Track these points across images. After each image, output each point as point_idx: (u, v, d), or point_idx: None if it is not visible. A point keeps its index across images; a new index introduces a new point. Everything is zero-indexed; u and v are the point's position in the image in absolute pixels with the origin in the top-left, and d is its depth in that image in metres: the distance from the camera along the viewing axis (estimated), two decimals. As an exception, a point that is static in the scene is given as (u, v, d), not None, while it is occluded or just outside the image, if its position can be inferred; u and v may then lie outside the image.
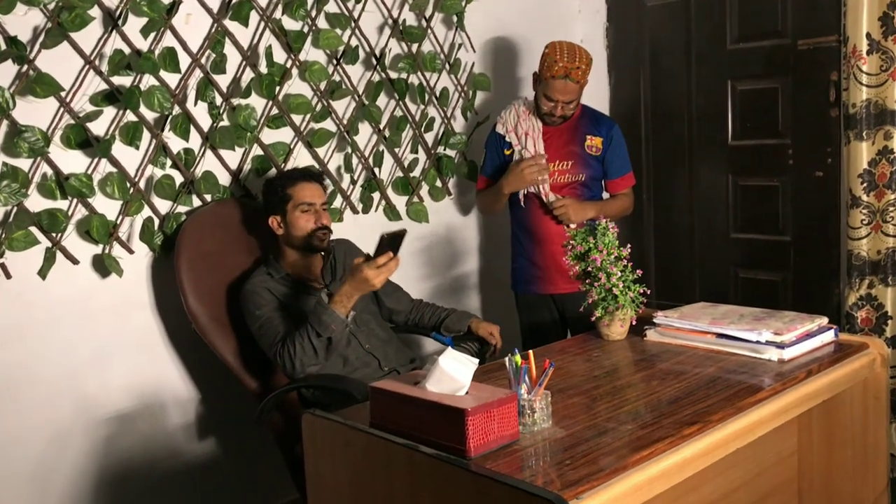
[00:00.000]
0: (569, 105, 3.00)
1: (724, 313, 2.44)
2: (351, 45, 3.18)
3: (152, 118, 2.74)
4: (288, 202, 2.64)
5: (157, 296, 2.79)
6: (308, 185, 2.68)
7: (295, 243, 2.66)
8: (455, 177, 3.62)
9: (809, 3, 3.36)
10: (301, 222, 2.64)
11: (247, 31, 2.93)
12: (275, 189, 2.67)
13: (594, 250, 2.43)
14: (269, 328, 2.52)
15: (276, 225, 2.67)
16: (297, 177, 2.69)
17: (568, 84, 2.94)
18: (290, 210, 2.64)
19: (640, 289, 2.42)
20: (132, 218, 2.73)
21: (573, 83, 2.95)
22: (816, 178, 3.43)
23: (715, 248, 3.81)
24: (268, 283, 2.62)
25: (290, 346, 2.44)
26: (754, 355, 2.22)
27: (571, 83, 2.94)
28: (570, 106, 3.01)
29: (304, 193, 2.65)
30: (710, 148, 3.76)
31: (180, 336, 2.82)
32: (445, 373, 1.76)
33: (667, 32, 3.84)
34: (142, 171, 2.73)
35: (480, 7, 3.56)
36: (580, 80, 2.95)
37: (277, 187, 2.66)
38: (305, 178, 2.70)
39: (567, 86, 2.94)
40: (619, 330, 2.47)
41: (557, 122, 3.06)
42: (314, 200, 2.66)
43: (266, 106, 2.99)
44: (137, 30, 2.66)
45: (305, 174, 2.71)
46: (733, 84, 3.65)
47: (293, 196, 2.65)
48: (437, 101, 3.48)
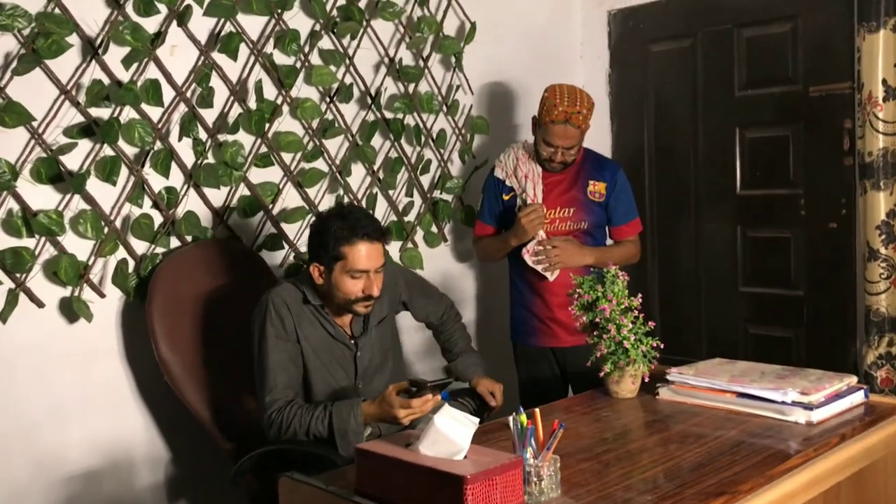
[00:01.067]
0: (569, 151, 2.84)
1: (743, 370, 2.25)
2: (345, 82, 3.04)
3: (132, 153, 2.58)
4: (338, 261, 2.24)
5: (127, 344, 2.59)
6: (369, 246, 2.24)
7: (332, 300, 2.32)
8: (451, 222, 3.45)
9: (821, 48, 3.25)
10: (348, 286, 2.26)
11: (236, 64, 2.79)
12: (326, 241, 2.24)
13: (603, 299, 2.25)
14: (272, 379, 2.24)
15: (316, 274, 2.29)
16: (357, 234, 2.23)
17: (568, 129, 2.78)
18: (339, 270, 2.25)
19: (653, 342, 2.23)
20: (105, 259, 2.54)
21: (574, 128, 2.79)
22: (830, 230, 3.27)
23: (723, 303, 3.63)
24: (295, 304, 2.30)
25: (286, 421, 2.18)
26: (780, 417, 2.03)
27: (572, 128, 2.79)
28: (570, 152, 2.85)
29: (361, 259, 2.23)
30: (717, 198, 3.62)
31: (151, 388, 2.61)
32: (442, 434, 1.57)
33: (672, 78, 3.72)
34: (118, 210, 2.55)
35: (479, 49, 3.44)
36: (581, 125, 2.80)
37: (330, 241, 2.23)
38: (368, 237, 2.24)
39: (567, 131, 2.79)
40: (629, 387, 2.28)
41: (558, 169, 2.90)
42: (370, 267, 2.25)
43: (254, 143, 2.84)
44: (119, 60, 2.51)
45: (369, 233, 2.25)
46: (741, 132, 3.52)
47: (347, 258, 2.23)
48: (434, 143, 3.33)
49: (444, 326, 2.70)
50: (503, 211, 3.00)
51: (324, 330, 2.35)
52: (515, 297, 3.03)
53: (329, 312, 2.36)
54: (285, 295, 2.33)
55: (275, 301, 2.31)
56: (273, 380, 2.24)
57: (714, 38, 3.56)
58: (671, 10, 3.67)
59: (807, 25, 3.28)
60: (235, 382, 2.53)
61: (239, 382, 2.53)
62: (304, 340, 2.32)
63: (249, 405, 2.54)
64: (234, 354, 2.54)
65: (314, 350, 2.34)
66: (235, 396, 2.53)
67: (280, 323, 2.29)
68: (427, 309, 2.67)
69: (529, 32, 3.70)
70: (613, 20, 3.88)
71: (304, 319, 2.33)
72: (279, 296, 2.33)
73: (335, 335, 2.37)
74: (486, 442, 1.81)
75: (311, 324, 2.35)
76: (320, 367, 2.35)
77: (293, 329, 2.31)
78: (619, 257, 2.83)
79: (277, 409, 2.21)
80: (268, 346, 2.27)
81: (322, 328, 2.35)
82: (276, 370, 2.25)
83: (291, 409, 2.20)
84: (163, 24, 2.60)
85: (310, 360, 2.33)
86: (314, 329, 2.35)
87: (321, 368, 2.35)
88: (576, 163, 2.94)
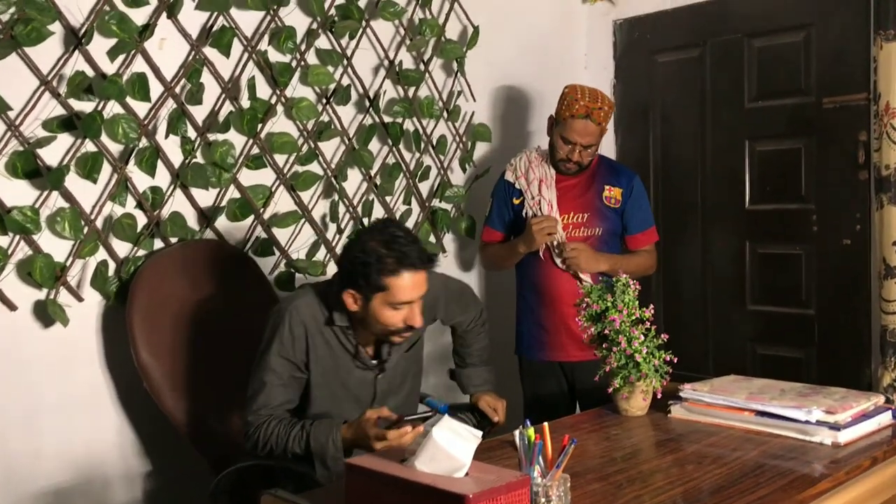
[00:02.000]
0: (587, 150, 2.73)
1: (761, 388, 2.12)
2: (342, 84, 2.92)
3: (115, 150, 2.44)
4: (379, 292, 1.99)
5: (106, 350, 2.44)
6: (414, 276, 1.99)
7: (367, 328, 2.08)
8: (450, 233, 3.32)
9: (835, 58, 3.14)
10: (388, 318, 2.02)
11: (228, 61, 2.66)
12: (368, 272, 1.98)
13: (612, 310, 2.11)
14: (264, 396, 2.05)
15: (351, 301, 2.03)
16: (404, 265, 1.98)
17: (588, 125, 2.68)
18: (379, 301, 2.00)
19: (666, 356, 2.09)
20: (84, 261, 2.40)
21: (594, 125, 2.69)
22: (844, 246, 3.15)
23: (730, 322, 3.49)
24: (314, 323, 2.08)
25: (262, 438, 2.02)
26: (803, 437, 1.89)
27: (592, 124, 2.69)
28: (588, 151, 2.74)
29: (406, 292, 1.99)
30: (725, 212, 3.49)
31: (131, 397, 2.46)
32: (441, 448, 1.42)
33: (679, 89, 3.61)
34: (99, 209, 2.41)
35: (482, 56, 3.33)
36: (602, 121, 2.71)
37: (373, 270, 1.97)
38: (414, 266, 1.99)
39: (588, 126, 2.69)
40: (640, 404, 2.14)
41: (573, 170, 2.78)
42: (414, 298, 2.02)
43: (246, 144, 2.70)
44: (104, 51, 2.38)
45: (415, 263, 1.99)
46: (751, 144, 3.40)
47: (390, 289, 1.98)
48: (434, 149, 3.21)
49: (466, 334, 2.50)
50: (513, 217, 2.87)
51: (344, 350, 2.13)
52: (523, 308, 2.88)
53: (354, 335, 2.13)
54: (306, 313, 2.09)
55: (292, 318, 2.07)
56: (264, 398, 2.06)
57: (723, 47, 3.45)
58: (678, 19, 3.57)
59: (820, 34, 3.18)
60: (219, 393, 2.39)
61: (223, 392, 2.38)
62: (313, 364, 2.11)
63: (232, 417, 2.39)
64: (218, 363, 2.40)
65: (324, 373, 2.13)
66: (218, 407, 2.39)
67: (291, 343, 2.07)
68: (459, 317, 2.47)
69: (533, 41, 3.59)
70: (619, 30, 3.78)
71: (320, 340, 2.11)
72: (299, 313, 2.08)
73: (357, 357, 2.15)
74: (489, 460, 1.67)
75: (329, 344, 2.11)
76: (325, 396, 2.14)
77: (303, 354, 2.09)
78: (634, 267, 2.69)
79: (256, 426, 2.04)
80: (269, 362, 2.06)
81: (344, 349, 2.13)
82: (271, 390, 2.06)
83: (269, 426, 2.03)
84: (152, 16, 2.48)
85: (316, 385, 2.12)
86: (330, 350, 2.12)
87: (326, 397, 2.14)
88: (591, 167, 2.83)
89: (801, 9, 3.21)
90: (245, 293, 2.56)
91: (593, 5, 3.77)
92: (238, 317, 2.50)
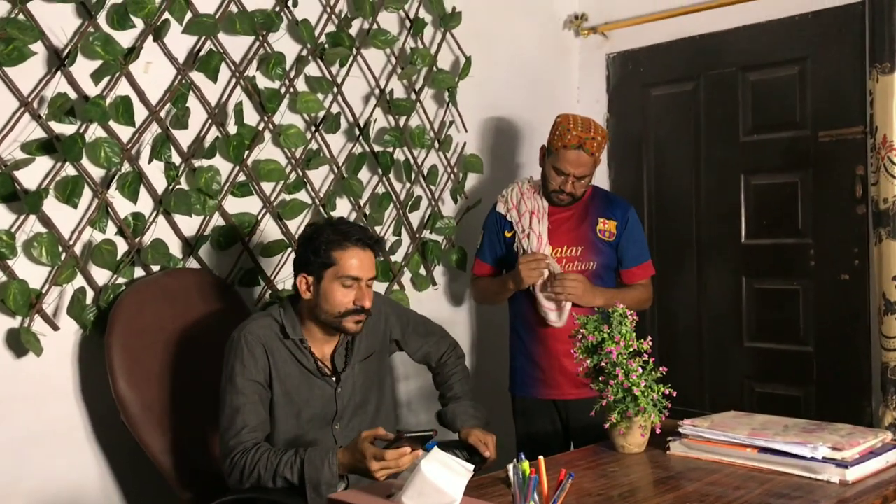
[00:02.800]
0: (580, 181, 2.67)
1: (763, 423, 2.04)
2: (332, 112, 2.86)
3: (97, 175, 2.37)
4: (328, 268, 2.10)
5: (83, 382, 2.33)
6: (361, 253, 2.12)
7: (321, 317, 2.13)
8: (441, 265, 3.24)
9: (831, 92, 3.12)
10: (338, 297, 2.10)
11: (215, 86, 2.60)
12: (317, 246, 2.10)
13: (609, 341, 2.03)
14: (240, 420, 2.02)
15: (304, 287, 2.13)
16: (349, 239, 2.11)
17: (581, 155, 2.62)
18: (329, 278, 2.10)
19: (665, 389, 2.01)
20: (61, 288, 2.31)
21: (587, 155, 2.63)
22: (842, 282, 3.09)
23: (726, 359, 3.42)
24: (271, 341, 2.11)
25: (249, 464, 1.95)
26: (810, 475, 1.81)
27: (585, 155, 2.62)
28: (581, 182, 2.67)
29: (353, 264, 2.10)
30: (720, 247, 3.43)
31: (108, 431, 2.35)
32: (429, 482, 1.33)
33: (673, 123, 3.58)
34: (78, 234, 2.33)
35: (473, 88, 3.28)
36: (595, 151, 2.64)
37: (321, 245, 2.09)
38: (360, 243, 2.12)
39: (580, 157, 2.62)
40: (637, 440, 2.05)
41: (566, 202, 2.71)
42: (362, 275, 2.12)
43: (232, 170, 2.64)
44: (87, 73, 2.32)
45: (362, 239, 2.13)
46: (747, 178, 3.36)
47: (338, 263, 2.09)
48: (425, 179, 3.15)
49: (441, 368, 2.47)
50: (504, 250, 2.80)
51: (301, 366, 2.14)
52: (516, 344, 2.80)
53: (310, 346, 2.15)
54: (260, 332, 2.13)
55: (248, 339, 2.11)
56: (242, 421, 2.03)
57: (717, 81, 3.42)
58: (672, 53, 3.55)
59: (815, 68, 3.15)
60: (200, 426, 2.30)
61: (204, 425, 2.29)
62: (276, 382, 2.11)
63: (214, 451, 2.29)
64: (200, 395, 2.30)
65: (287, 392, 2.13)
66: (199, 441, 2.29)
67: (253, 363, 2.09)
68: (426, 349, 2.44)
69: (525, 73, 3.56)
70: (612, 63, 3.76)
71: (280, 357, 2.13)
72: (253, 333, 2.12)
73: (313, 371, 2.15)
74: (481, 497, 1.57)
75: (288, 361, 2.13)
76: (289, 415, 2.12)
77: (266, 370, 2.11)
78: (630, 301, 2.56)
79: (242, 451, 1.99)
80: (237, 386, 2.06)
81: (300, 364, 2.14)
82: (246, 411, 2.04)
83: (257, 451, 1.98)
84: (138, 39, 2.43)
85: (279, 405, 2.12)
86: (291, 367, 2.13)
87: (290, 416, 2.12)
88: (584, 199, 2.76)
89: (796, 42, 3.19)
90: (228, 323, 2.45)
91: (586, 38, 3.76)
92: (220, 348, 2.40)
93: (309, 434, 2.13)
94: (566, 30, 3.77)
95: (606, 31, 3.71)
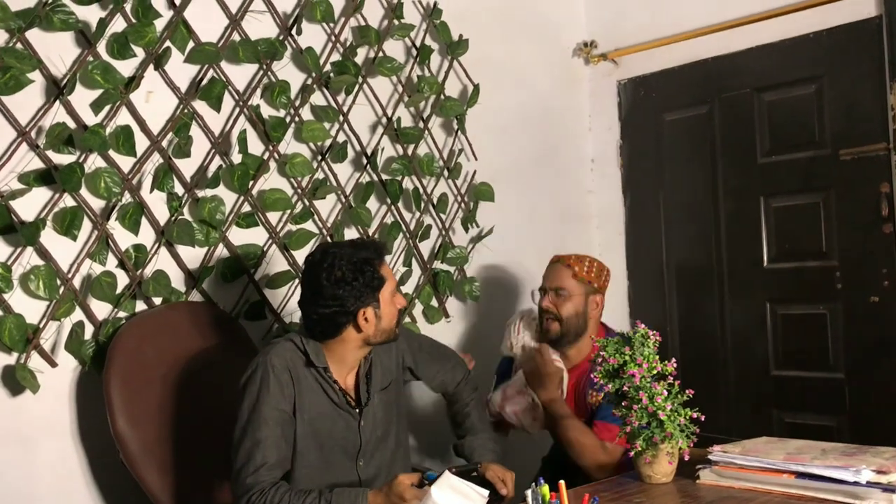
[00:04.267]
0: (559, 297, 2.49)
1: (799, 448, 1.91)
2: (338, 140, 2.80)
3: (97, 206, 2.31)
4: (381, 288, 2.01)
5: (81, 420, 2.24)
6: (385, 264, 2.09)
7: (375, 340, 2.04)
8: (453, 296, 3.14)
9: (850, 109, 3.02)
10: (394, 310, 2.05)
11: (218, 116, 2.55)
12: (365, 273, 1.98)
13: (632, 364, 1.92)
14: (261, 455, 1.88)
15: (372, 317, 2.00)
16: (377, 251, 2.05)
17: (559, 267, 2.53)
18: (385, 299, 2.02)
19: (693, 413, 1.89)
20: (59, 322, 2.23)
21: (564, 268, 2.51)
22: (872, 304, 2.96)
23: (752, 388, 3.28)
24: (297, 367, 1.98)
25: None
26: (853, 502, 1.67)
27: (562, 266, 2.52)
28: (560, 300, 2.49)
29: (390, 273, 2.08)
30: (742, 273, 3.32)
31: (107, 471, 2.25)
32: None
33: (688, 147, 3.49)
34: (77, 266, 2.26)
35: (483, 117, 3.21)
36: (575, 267, 2.50)
37: (367, 271, 1.98)
38: (381, 250, 2.07)
39: (557, 269, 2.53)
40: (665, 469, 1.92)
41: (552, 331, 2.50)
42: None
43: (237, 201, 2.57)
44: (87, 103, 2.28)
45: (379, 247, 2.08)
46: (766, 201, 3.26)
47: (385, 278, 2.02)
48: (434, 208, 3.07)
49: (457, 396, 2.34)
50: None
51: (326, 397, 2.01)
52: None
53: (332, 376, 2.03)
54: (288, 357, 1.99)
55: (275, 364, 1.96)
56: (262, 457, 1.88)
57: (732, 103, 3.34)
58: (685, 76, 3.48)
59: (833, 85, 3.07)
60: (204, 466, 2.19)
61: (209, 466, 2.18)
62: (300, 413, 1.97)
63: (221, 493, 2.18)
64: (203, 433, 2.20)
65: (310, 423, 1.99)
66: (204, 483, 2.18)
67: (279, 390, 1.94)
68: (441, 376, 2.32)
69: (535, 102, 3.49)
70: (623, 90, 3.69)
71: (307, 385, 1.99)
72: (281, 357, 1.98)
73: (339, 403, 2.03)
74: (498, 528, 1.46)
75: (313, 391, 2.00)
76: (311, 448, 1.99)
77: (292, 400, 1.96)
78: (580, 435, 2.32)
79: (260, 491, 1.85)
80: (262, 417, 1.91)
81: (325, 394, 2.01)
82: (268, 446, 1.90)
83: (277, 492, 1.85)
84: (138, 68, 2.39)
85: (302, 437, 1.98)
86: (316, 397, 2.00)
87: (312, 449, 1.99)
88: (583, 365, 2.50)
89: (811, 60, 3.12)
90: (231, 359, 2.36)
91: (596, 66, 3.70)
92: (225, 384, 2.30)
93: (331, 469, 2.00)
94: (576, 57, 3.71)
95: (616, 57, 3.65)
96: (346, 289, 1.96)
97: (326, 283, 1.96)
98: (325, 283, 1.96)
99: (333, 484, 1.93)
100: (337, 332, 2.00)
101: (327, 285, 1.96)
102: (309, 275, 2.02)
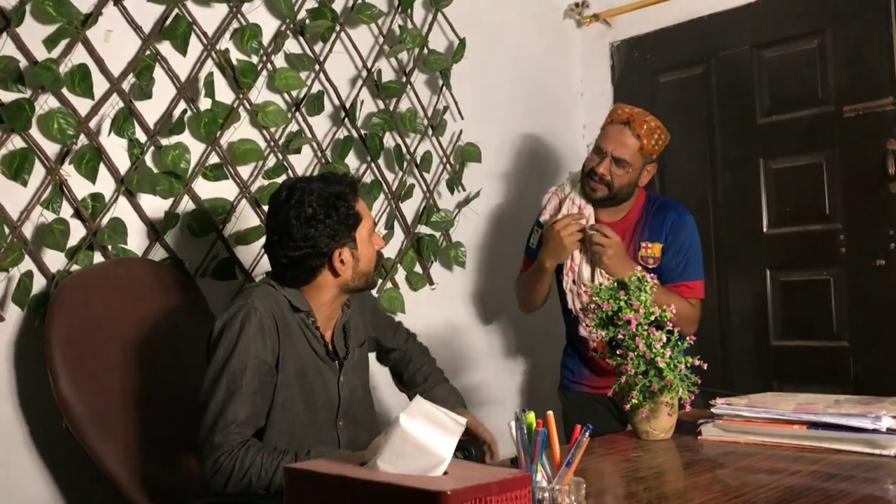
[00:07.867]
0: (617, 167, 2.30)
1: (809, 399, 1.75)
2: (314, 91, 2.63)
3: (50, 150, 2.14)
4: (358, 225, 1.81)
5: (21, 382, 2.05)
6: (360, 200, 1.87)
7: (354, 285, 1.84)
8: (438, 262, 2.98)
9: (854, 63, 2.88)
10: (372, 250, 1.85)
11: (184, 60, 2.38)
12: (339, 209, 1.77)
13: (627, 309, 1.76)
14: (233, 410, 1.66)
15: (349, 261, 1.80)
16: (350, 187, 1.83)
17: (625, 132, 2.29)
18: (362, 238, 1.82)
19: (694, 360, 1.73)
20: (7, 273, 2.05)
21: (632, 134, 2.29)
22: (877, 268, 2.81)
23: (753, 360, 3.13)
24: (283, 311, 1.77)
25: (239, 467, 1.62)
26: (872, 451, 1.52)
27: (630, 133, 2.29)
28: (618, 169, 2.30)
29: (366, 211, 1.86)
30: (741, 239, 3.17)
31: (51, 439, 2.06)
32: (411, 439, 1.06)
33: (684, 110, 3.33)
34: (27, 214, 2.09)
35: (470, 76, 3.05)
36: (641, 133, 2.30)
37: (341, 207, 1.78)
38: (355, 188, 1.86)
39: (623, 134, 2.29)
40: (664, 424, 1.76)
41: (599, 194, 2.34)
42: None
43: (205, 151, 2.40)
44: (39, 39, 2.10)
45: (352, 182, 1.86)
46: (766, 163, 3.11)
47: (361, 216, 1.82)
48: (418, 167, 2.90)
49: (409, 354, 2.14)
50: None
51: (309, 347, 1.81)
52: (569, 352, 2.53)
53: (316, 322, 1.83)
54: (272, 301, 1.77)
55: (258, 308, 1.73)
56: (233, 412, 1.66)
57: (729, 62, 3.19)
58: (680, 36, 3.33)
59: (836, 39, 2.92)
60: (159, 433, 2.00)
61: (164, 433, 2.00)
62: (286, 362, 1.76)
63: (177, 461, 2.01)
64: (156, 399, 2.02)
65: (295, 373, 1.78)
66: (158, 450, 1.99)
67: (261, 338, 1.71)
68: (396, 338, 2.13)
69: (524, 64, 3.33)
70: (616, 52, 3.54)
71: (293, 331, 1.79)
72: (265, 301, 1.76)
73: (321, 354, 1.82)
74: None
75: (296, 339, 1.79)
76: (297, 400, 1.78)
77: (276, 349, 1.75)
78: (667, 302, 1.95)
79: (228, 452, 1.64)
80: (240, 365, 1.68)
81: (308, 344, 1.81)
82: (241, 398, 1.67)
83: (248, 451, 1.64)
84: (97, 4, 2.21)
85: (287, 388, 1.76)
86: (299, 345, 1.79)
87: (298, 401, 1.78)
88: (631, 217, 2.39)
89: (813, 14, 2.97)
90: (187, 321, 2.18)
91: (588, 27, 3.55)
92: (178, 347, 2.12)
93: (315, 426, 1.80)
94: (567, 19, 3.56)
95: (609, 17, 3.49)
96: (318, 227, 1.75)
97: (296, 221, 1.76)
98: (293, 223, 1.76)
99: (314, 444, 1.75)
100: (311, 278, 1.80)
101: (297, 224, 1.76)
102: (275, 214, 1.81)
